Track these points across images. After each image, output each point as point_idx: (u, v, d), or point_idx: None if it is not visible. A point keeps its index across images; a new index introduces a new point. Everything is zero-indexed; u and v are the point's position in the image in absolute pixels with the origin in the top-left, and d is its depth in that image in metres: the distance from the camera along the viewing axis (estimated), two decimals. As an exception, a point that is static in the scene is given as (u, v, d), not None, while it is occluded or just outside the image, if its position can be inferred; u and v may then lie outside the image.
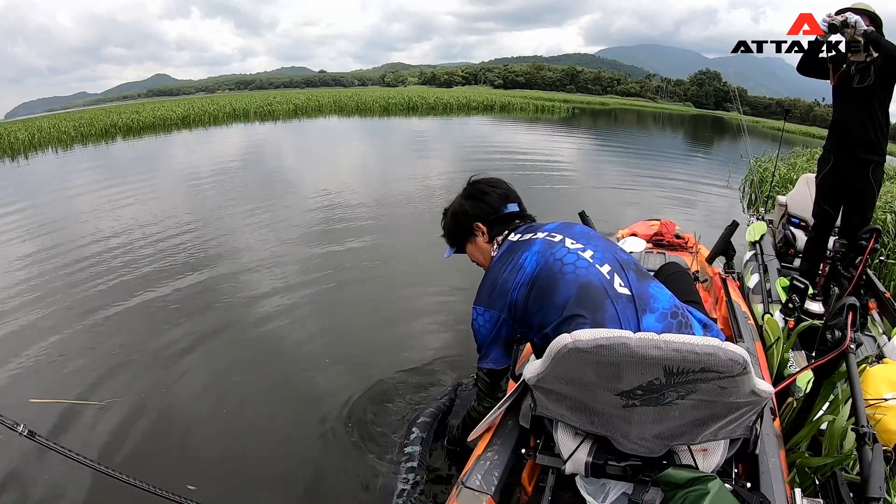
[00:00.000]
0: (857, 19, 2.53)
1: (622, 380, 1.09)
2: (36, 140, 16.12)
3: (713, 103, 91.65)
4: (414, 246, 5.03)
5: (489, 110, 28.95)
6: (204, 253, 4.87)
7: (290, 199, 7.33)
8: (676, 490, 1.11)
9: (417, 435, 2.11)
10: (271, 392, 2.66)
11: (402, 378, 2.72)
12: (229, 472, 2.15)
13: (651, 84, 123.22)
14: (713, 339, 1.03)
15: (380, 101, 29.10)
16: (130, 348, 3.15)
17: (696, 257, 2.94)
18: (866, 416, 1.37)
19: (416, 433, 2.12)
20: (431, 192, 7.57)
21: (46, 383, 2.77)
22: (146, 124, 20.17)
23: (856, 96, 2.73)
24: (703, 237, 3.23)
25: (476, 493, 1.31)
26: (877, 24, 2.64)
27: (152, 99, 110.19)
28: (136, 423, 2.44)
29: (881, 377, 1.89)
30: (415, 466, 1.98)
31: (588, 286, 1.28)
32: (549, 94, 55.35)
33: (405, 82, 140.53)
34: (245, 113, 24.66)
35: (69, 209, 7.11)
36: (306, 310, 3.64)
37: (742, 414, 1.16)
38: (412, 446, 2.06)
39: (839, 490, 1.23)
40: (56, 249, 5.05)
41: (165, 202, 7.18)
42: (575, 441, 1.28)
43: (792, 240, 3.67)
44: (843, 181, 2.88)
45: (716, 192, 8.58)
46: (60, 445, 1.14)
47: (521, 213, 1.65)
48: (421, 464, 1.99)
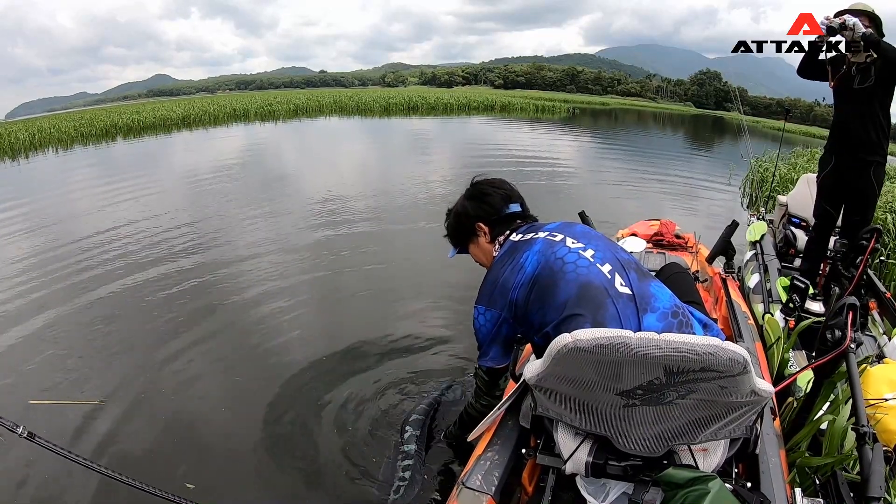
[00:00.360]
0: (854, 21, 2.53)
1: (622, 379, 1.09)
2: (36, 140, 16.14)
3: (713, 103, 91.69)
4: (415, 246, 5.03)
5: (489, 110, 28.97)
6: (202, 253, 4.87)
7: (291, 198, 7.33)
8: (677, 490, 1.10)
9: (412, 433, 2.14)
10: (270, 391, 2.65)
11: (402, 377, 2.73)
12: (227, 471, 2.15)
13: (651, 84, 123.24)
14: (713, 338, 1.03)
15: (380, 102, 29.12)
16: (128, 348, 3.15)
17: (696, 257, 2.94)
18: (866, 416, 1.36)
19: (410, 431, 2.15)
20: (432, 192, 7.58)
21: (45, 384, 2.77)
22: (146, 124, 20.19)
23: (857, 97, 2.73)
24: (703, 237, 3.22)
25: (476, 493, 1.31)
26: (876, 23, 2.64)
27: (153, 99, 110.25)
28: (134, 423, 2.44)
29: (882, 377, 1.89)
30: (411, 464, 1.99)
31: (589, 285, 1.28)
32: (549, 95, 55.34)
33: (405, 82, 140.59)
34: (245, 113, 24.69)
35: (68, 209, 7.13)
36: (305, 309, 3.64)
37: (742, 414, 1.16)
38: (408, 444, 2.08)
39: (839, 490, 1.23)
40: (53, 250, 5.05)
41: (164, 202, 7.18)
42: (575, 441, 1.28)
43: (792, 240, 3.67)
44: (844, 181, 2.88)
45: (717, 192, 8.58)
46: (60, 447, 1.14)
47: (524, 214, 1.65)
48: (417, 461, 2.01)
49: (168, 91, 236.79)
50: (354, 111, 27.31)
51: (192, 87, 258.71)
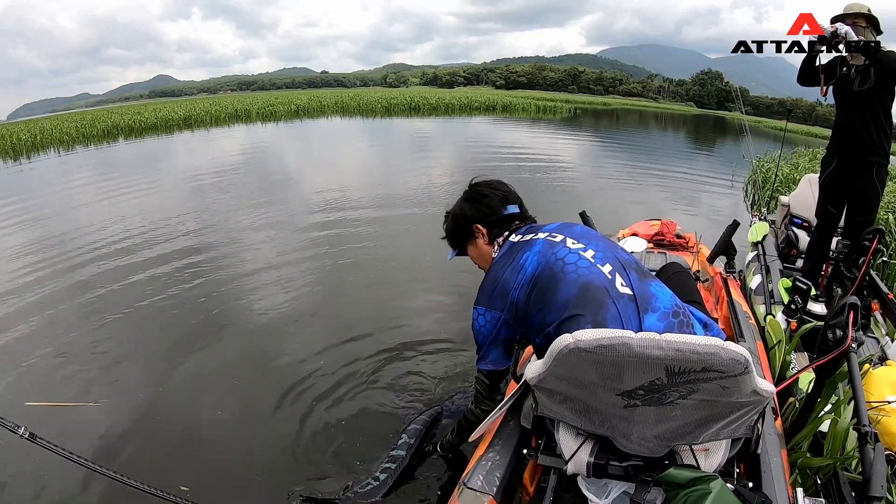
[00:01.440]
0: (846, 30, 2.55)
1: (624, 380, 1.09)
2: (38, 141, 16.20)
3: (715, 103, 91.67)
4: (417, 246, 5.03)
5: (491, 111, 28.97)
6: (201, 254, 4.87)
7: (292, 197, 7.35)
8: (678, 490, 1.10)
9: (405, 441, 2.13)
10: (269, 392, 2.65)
11: (400, 381, 2.73)
12: (222, 471, 2.16)
13: (653, 84, 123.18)
14: (715, 338, 1.02)
15: (382, 102, 29.15)
16: (125, 348, 3.17)
17: (697, 257, 2.94)
18: (868, 416, 1.36)
19: (405, 439, 2.14)
20: (434, 192, 7.58)
21: (42, 386, 2.78)
22: (148, 125, 20.27)
23: (857, 99, 2.73)
24: (704, 237, 3.22)
25: (478, 493, 1.31)
26: (873, 23, 2.65)
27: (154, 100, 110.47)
28: (130, 423, 2.45)
29: (884, 379, 1.89)
30: (391, 468, 1.99)
31: (589, 286, 1.28)
32: (550, 95, 55.35)
33: (407, 83, 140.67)
34: (247, 114, 24.73)
35: (67, 209, 7.15)
36: (306, 310, 3.65)
37: (744, 413, 1.16)
38: (398, 450, 2.08)
39: (841, 490, 1.23)
40: (50, 250, 5.08)
41: (165, 202, 7.22)
42: (576, 441, 1.28)
43: (794, 240, 3.66)
44: (846, 182, 2.88)
45: (719, 192, 8.58)
46: (61, 448, 1.14)
47: (522, 215, 1.64)
48: (399, 467, 2.00)
49: (170, 92, 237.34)
50: (356, 112, 27.34)
51: (193, 88, 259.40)
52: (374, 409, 2.51)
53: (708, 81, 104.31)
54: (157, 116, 21.61)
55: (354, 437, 2.32)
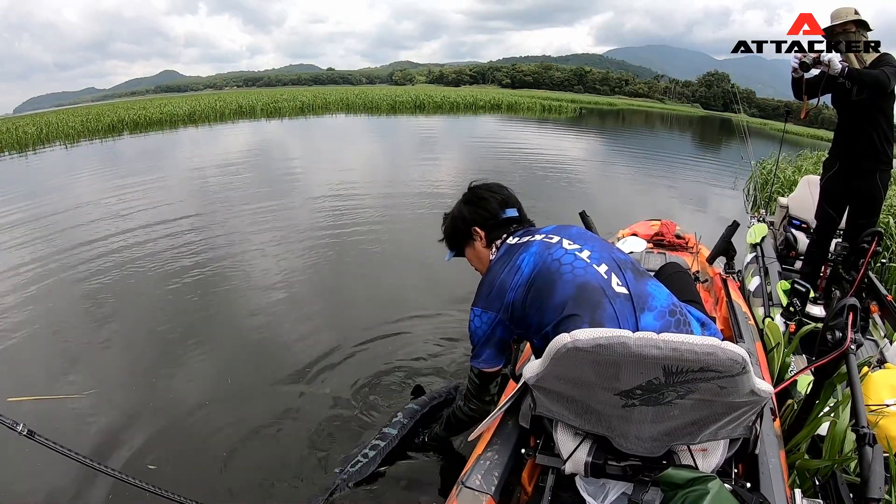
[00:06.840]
0: (830, 57, 2.55)
1: (621, 379, 1.09)
2: (44, 134, 16.26)
3: (721, 105, 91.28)
4: (418, 245, 5.03)
5: (496, 109, 28.91)
6: (201, 248, 4.89)
7: (295, 195, 7.36)
8: (676, 490, 1.10)
9: (399, 420, 2.13)
10: (262, 387, 2.67)
11: (398, 379, 2.73)
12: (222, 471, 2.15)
13: (659, 85, 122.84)
14: (712, 338, 1.03)
15: (387, 100, 29.13)
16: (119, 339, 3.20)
17: (697, 257, 2.94)
18: (866, 417, 1.36)
19: (399, 417, 2.14)
20: (435, 192, 7.56)
21: (23, 381, 2.77)
22: (153, 120, 20.27)
23: (856, 107, 2.74)
24: (704, 238, 3.22)
25: (476, 492, 1.32)
26: (864, 25, 2.66)
27: (160, 95, 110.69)
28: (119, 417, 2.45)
29: (883, 382, 1.88)
30: (381, 445, 2.00)
31: (586, 286, 1.29)
32: (556, 94, 55.12)
33: (413, 81, 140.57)
34: (252, 110, 24.73)
35: (70, 202, 7.16)
36: (305, 307, 3.65)
37: (742, 414, 1.16)
38: (390, 428, 2.08)
39: (839, 491, 1.23)
40: (47, 244, 5.10)
41: (166, 196, 7.23)
42: (575, 441, 1.29)
43: (793, 242, 3.65)
44: (848, 185, 2.87)
45: (721, 193, 8.55)
46: (59, 445, 1.14)
47: (520, 219, 1.65)
48: (389, 445, 2.01)
49: (176, 87, 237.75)
50: (361, 109, 27.29)
51: (199, 84, 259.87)
52: (371, 404, 2.52)
53: (714, 83, 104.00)
54: (162, 112, 21.63)
55: (349, 432, 2.32)
